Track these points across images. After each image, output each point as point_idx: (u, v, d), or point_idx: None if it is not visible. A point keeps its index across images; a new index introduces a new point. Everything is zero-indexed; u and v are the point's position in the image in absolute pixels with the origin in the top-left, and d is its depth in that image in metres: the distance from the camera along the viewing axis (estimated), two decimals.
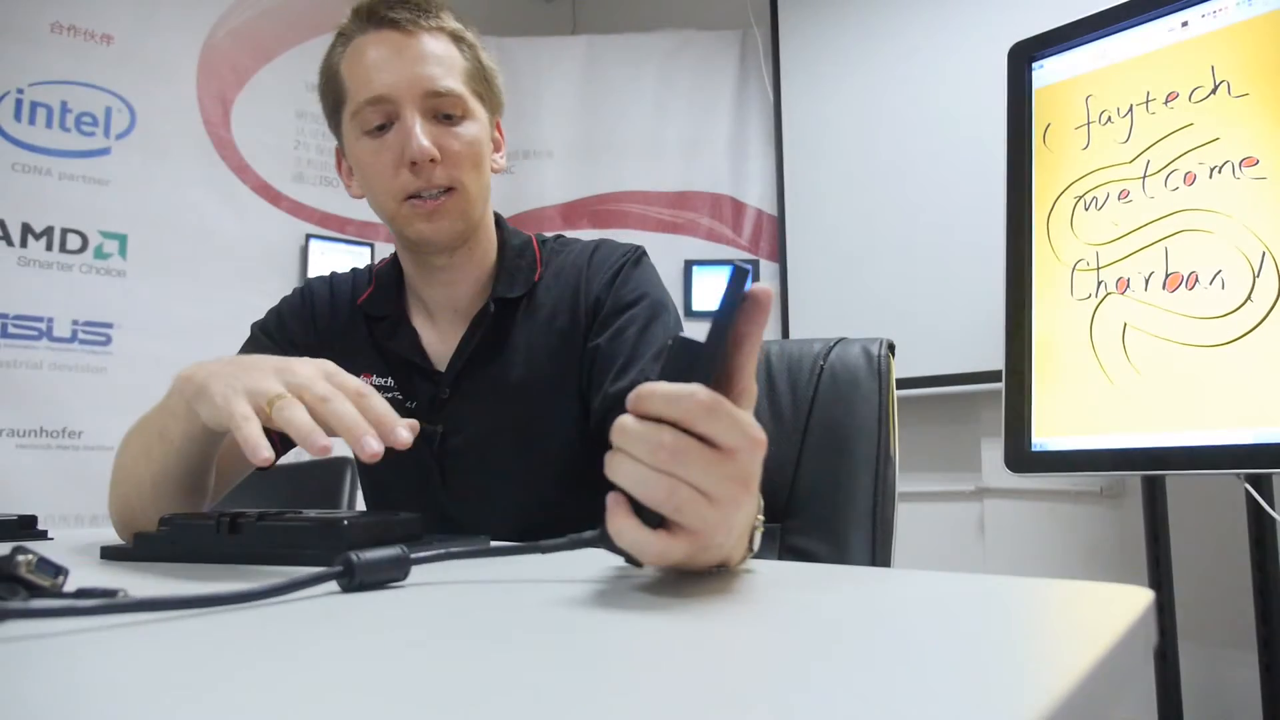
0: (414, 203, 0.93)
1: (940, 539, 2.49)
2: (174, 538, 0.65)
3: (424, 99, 0.92)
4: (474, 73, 0.97)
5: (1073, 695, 0.27)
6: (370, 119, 0.93)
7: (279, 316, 1.08)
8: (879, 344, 1.13)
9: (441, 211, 0.93)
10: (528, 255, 1.05)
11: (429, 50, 0.93)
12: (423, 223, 0.94)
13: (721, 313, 0.47)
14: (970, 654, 0.35)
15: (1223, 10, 1.72)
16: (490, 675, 0.31)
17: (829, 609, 0.46)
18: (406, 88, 0.91)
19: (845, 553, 1.06)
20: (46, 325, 2.38)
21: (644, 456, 0.44)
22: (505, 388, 0.98)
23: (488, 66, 1.00)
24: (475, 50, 0.99)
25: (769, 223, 3.02)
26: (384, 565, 0.50)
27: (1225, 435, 1.57)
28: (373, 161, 0.94)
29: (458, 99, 0.94)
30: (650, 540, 0.45)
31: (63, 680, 0.31)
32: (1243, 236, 1.61)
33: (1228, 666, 1.96)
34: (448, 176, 0.93)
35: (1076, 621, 0.43)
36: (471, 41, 0.99)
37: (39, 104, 2.45)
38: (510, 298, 1.00)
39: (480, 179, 0.97)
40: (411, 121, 0.91)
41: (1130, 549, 2.03)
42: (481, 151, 0.96)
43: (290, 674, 0.32)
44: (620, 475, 0.45)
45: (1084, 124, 1.90)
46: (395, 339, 1.02)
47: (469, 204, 0.95)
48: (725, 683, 0.30)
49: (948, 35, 2.54)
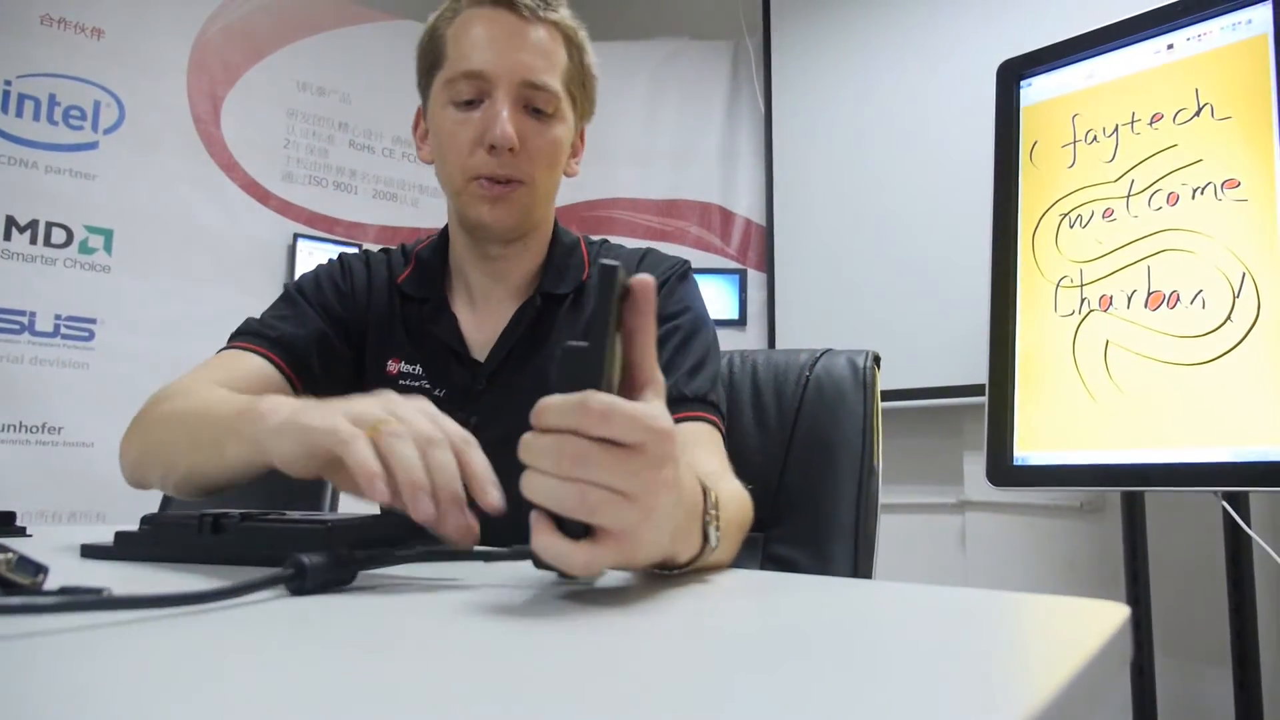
0: (481, 183, 0.92)
1: (922, 551, 2.50)
2: (156, 537, 0.65)
3: (519, 87, 0.91)
4: (574, 74, 0.96)
5: (1049, 709, 0.28)
6: (463, 91, 0.92)
7: (317, 281, 1.03)
8: (864, 356, 1.14)
9: (506, 200, 0.93)
10: (577, 255, 1.04)
11: (537, 41, 0.92)
12: (485, 206, 0.93)
13: (595, 314, 0.47)
14: (947, 667, 0.35)
15: (1207, 35, 1.75)
16: (413, 684, 0.31)
17: (808, 619, 0.46)
18: (507, 71, 0.90)
19: (827, 562, 1.06)
20: (29, 319, 2.36)
21: (551, 468, 0.44)
22: (544, 384, 0.97)
23: (590, 71, 0.99)
24: (583, 53, 0.98)
25: (757, 232, 3.03)
26: (330, 568, 0.50)
27: (1204, 453, 1.58)
28: (454, 133, 0.92)
29: (552, 96, 0.93)
30: (573, 550, 0.45)
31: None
32: (1223, 257, 1.63)
33: (1203, 681, 1.98)
34: (521, 169, 0.92)
35: (1054, 636, 0.43)
36: (580, 43, 0.98)
37: (27, 96, 2.43)
38: (556, 294, 0.99)
39: (551, 178, 0.96)
40: (501, 105, 0.90)
41: (1109, 564, 2.05)
42: (560, 153, 0.96)
43: (210, 680, 0.32)
44: (533, 491, 0.45)
45: (1070, 142, 1.92)
46: (436, 323, 0.99)
47: (534, 200, 0.95)
48: (690, 692, 0.30)
49: (939, 51, 2.56)
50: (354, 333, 1.01)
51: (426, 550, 0.59)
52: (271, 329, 0.97)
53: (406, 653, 0.36)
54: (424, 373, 0.98)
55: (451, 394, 0.96)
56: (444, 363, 0.98)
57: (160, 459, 0.82)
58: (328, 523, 0.62)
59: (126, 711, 0.27)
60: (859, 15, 2.76)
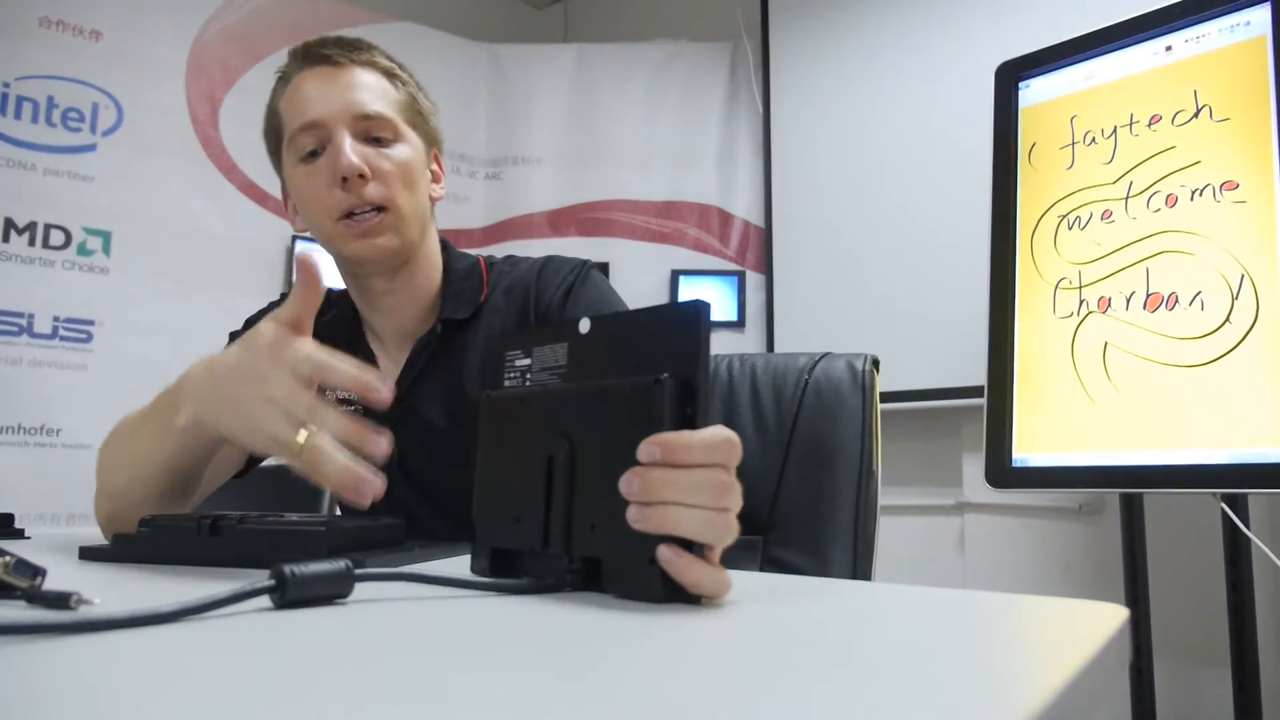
0: (348, 222, 0.95)
1: (921, 553, 2.50)
2: (154, 539, 0.65)
3: (354, 121, 0.95)
4: (407, 104, 1.01)
5: (1048, 711, 0.28)
6: (304, 144, 0.95)
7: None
8: (863, 359, 1.14)
9: (375, 229, 0.95)
10: (474, 277, 1.06)
11: (360, 80, 0.97)
12: (357, 241, 0.95)
13: (690, 347, 0.50)
14: (946, 670, 0.35)
15: (1206, 36, 1.75)
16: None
17: (808, 622, 0.46)
18: (338, 112, 0.94)
19: (826, 565, 1.06)
20: (27, 321, 2.36)
21: (708, 502, 0.48)
22: (457, 408, 0.99)
23: (422, 103, 1.04)
24: (410, 87, 1.03)
25: (756, 234, 3.03)
26: (322, 580, 0.46)
27: (1202, 455, 1.58)
28: (306, 184, 0.96)
29: (387, 122, 0.97)
30: (720, 573, 0.49)
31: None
32: (1222, 259, 1.64)
33: (1202, 684, 1.98)
34: (380, 194, 0.94)
35: (1053, 638, 0.43)
36: (406, 79, 1.03)
37: (25, 98, 2.43)
38: (456, 319, 1.01)
39: (414, 200, 0.98)
40: (341, 140, 0.93)
41: (1108, 565, 2.05)
42: (413, 173, 0.98)
43: (181, 700, 0.31)
44: (681, 524, 0.47)
45: (1069, 144, 1.92)
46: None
47: (402, 223, 0.96)
48: (689, 694, 0.30)
49: (937, 52, 2.56)
50: None
51: (427, 576, 0.59)
52: None
53: (394, 673, 0.36)
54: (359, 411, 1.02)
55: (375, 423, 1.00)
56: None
57: (119, 480, 0.84)
58: (325, 525, 0.62)
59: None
60: (858, 17, 2.76)
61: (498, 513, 0.58)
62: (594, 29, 3.62)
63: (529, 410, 0.58)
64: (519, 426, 0.58)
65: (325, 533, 0.61)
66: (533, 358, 0.61)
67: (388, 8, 3.09)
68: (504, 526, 0.57)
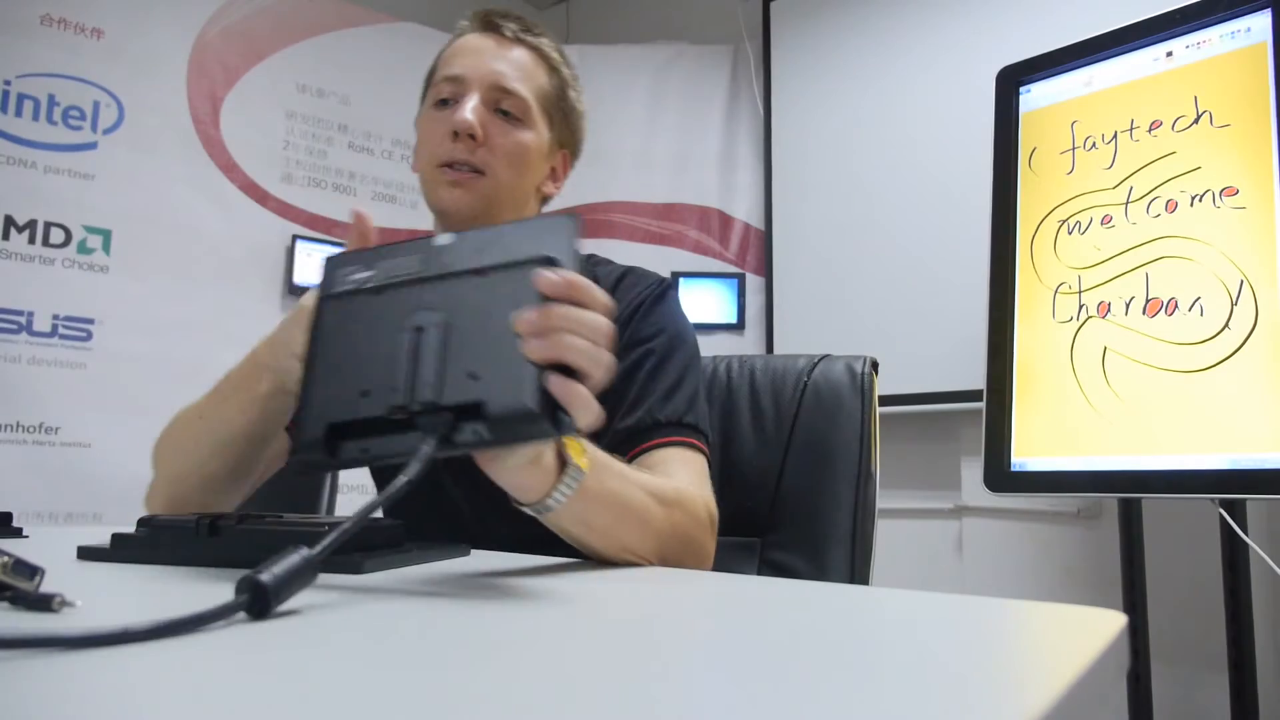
0: (445, 169, 0.97)
1: (919, 556, 2.50)
2: (152, 539, 0.65)
3: (490, 90, 0.97)
4: (553, 98, 1.02)
5: (1046, 718, 0.28)
6: (441, 91, 0.99)
7: None
8: (863, 361, 1.14)
9: (463, 186, 0.96)
10: None
11: (515, 57, 1.00)
12: (444, 188, 0.97)
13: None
14: (944, 676, 0.35)
15: (1206, 42, 1.75)
16: None
17: (805, 626, 0.46)
18: (479, 75, 0.98)
19: (824, 568, 1.06)
20: (27, 319, 2.36)
21: (598, 338, 0.55)
22: None
23: (570, 103, 1.05)
24: (565, 84, 1.04)
25: (756, 237, 3.03)
26: (295, 580, 0.44)
27: (1201, 460, 1.59)
28: (428, 128, 1.00)
29: (520, 101, 0.98)
30: (594, 402, 0.54)
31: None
32: (1222, 265, 1.64)
33: (1200, 689, 1.98)
34: (484, 160, 0.96)
35: (1051, 645, 0.43)
36: (564, 75, 1.04)
37: (26, 96, 2.43)
38: None
39: (516, 180, 0.99)
40: (469, 99, 0.97)
41: (1106, 570, 2.05)
42: (526, 156, 0.99)
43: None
44: (567, 349, 0.53)
45: (1069, 149, 1.93)
46: None
47: (495, 194, 0.97)
48: (688, 696, 0.30)
49: (938, 57, 2.56)
50: None
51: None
52: None
53: (373, 681, 0.36)
54: None
55: None
56: None
57: (179, 469, 0.87)
58: (325, 525, 0.62)
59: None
60: (858, 21, 2.76)
61: (337, 392, 0.56)
62: (595, 31, 3.62)
63: (387, 299, 0.57)
64: (371, 314, 0.57)
65: (325, 533, 0.61)
66: (375, 269, 0.60)
67: (388, 8, 3.09)
68: (346, 403, 0.55)
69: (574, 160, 1.10)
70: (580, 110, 1.07)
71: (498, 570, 0.64)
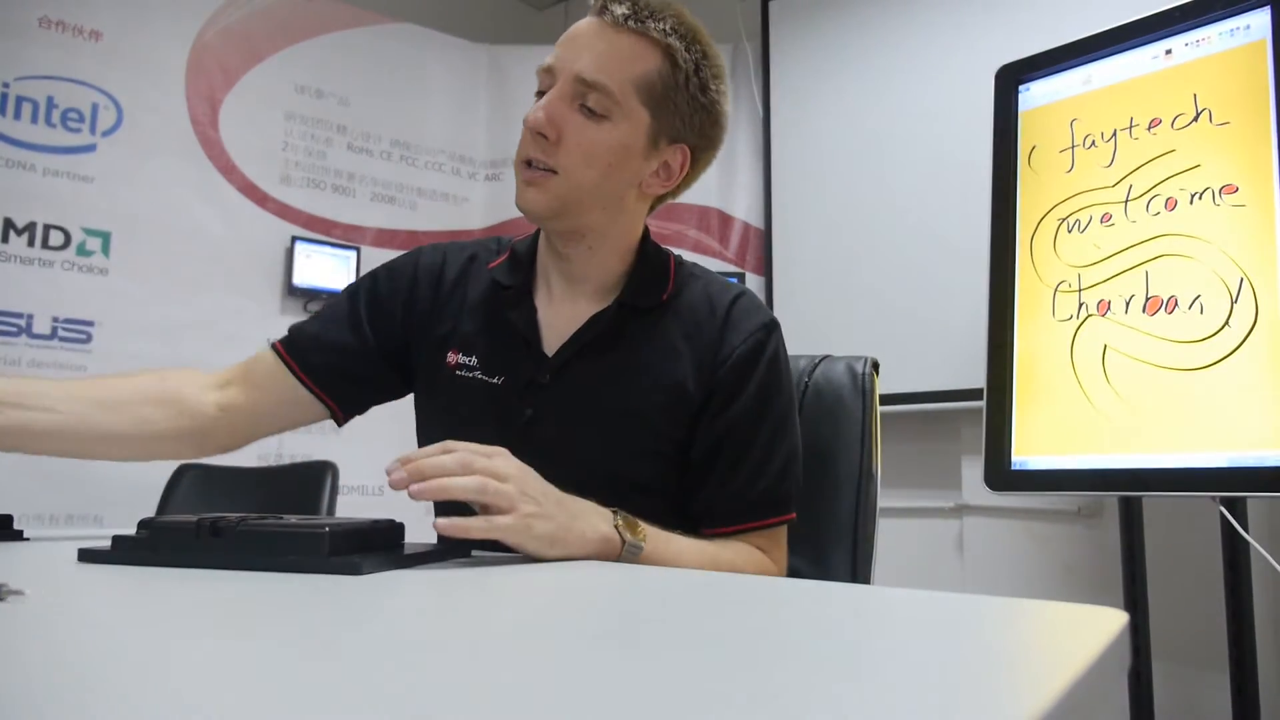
0: (523, 167, 0.95)
1: (920, 555, 2.50)
2: (154, 541, 0.65)
3: (573, 82, 0.92)
4: (657, 86, 0.93)
5: (1047, 716, 0.28)
6: (541, 82, 0.96)
7: (374, 279, 1.07)
8: (863, 362, 1.14)
9: (535, 186, 0.94)
10: (663, 271, 1.03)
11: (614, 46, 0.92)
12: (521, 188, 0.95)
13: None
14: (945, 674, 0.35)
15: (1206, 40, 1.75)
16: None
17: (806, 626, 0.46)
18: (566, 66, 0.93)
19: (826, 567, 1.06)
20: (26, 322, 2.36)
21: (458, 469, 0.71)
22: (607, 393, 0.96)
23: (693, 95, 0.96)
24: (683, 73, 0.94)
25: (756, 236, 3.03)
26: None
27: (1201, 458, 1.58)
28: (524, 121, 0.96)
29: (605, 95, 0.92)
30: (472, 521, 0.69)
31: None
32: (1221, 262, 1.64)
33: (1200, 688, 1.98)
34: (556, 160, 0.92)
35: (1052, 643, 0.43)
36: (685, 65, 0.94)
37: (25, 99, 2.43)
38: (635, 306, 0.98)
39: (599, 179, 0.94)
40: (551, 94, 0.93)
41: (1107, 568, 2.05)
42: (601, 153, 0.93)
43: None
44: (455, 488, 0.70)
45: (1068, 147, 1.93)
46: (515, 308, 1.00)
47: (568, 193, 0.93)
48: (688, 696, 0.30)
49: (937, 55, 2.56)
50: (412, 326, 1.04)
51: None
52: (297, 326, 1.05)
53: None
54: (479, 363, 0.99)
55: (511, 382, 0.97)
56: (510, 350, 0.99)
57: None
58: (325, 526, 0.62)
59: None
60: (858, 19, 2.76)
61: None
62: None
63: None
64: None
65: (326, 534, 0.61)
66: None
67: (388, 9, 3.10)
68: None
69: (705, 156, 1.01)
70: (706, 102, 0.97)
71: (499, 570, 0.64)
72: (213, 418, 0.99)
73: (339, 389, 1.03)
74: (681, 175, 1.00)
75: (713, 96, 0.97)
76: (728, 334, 0.97)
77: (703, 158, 1.01)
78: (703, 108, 0.97)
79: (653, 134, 0.95)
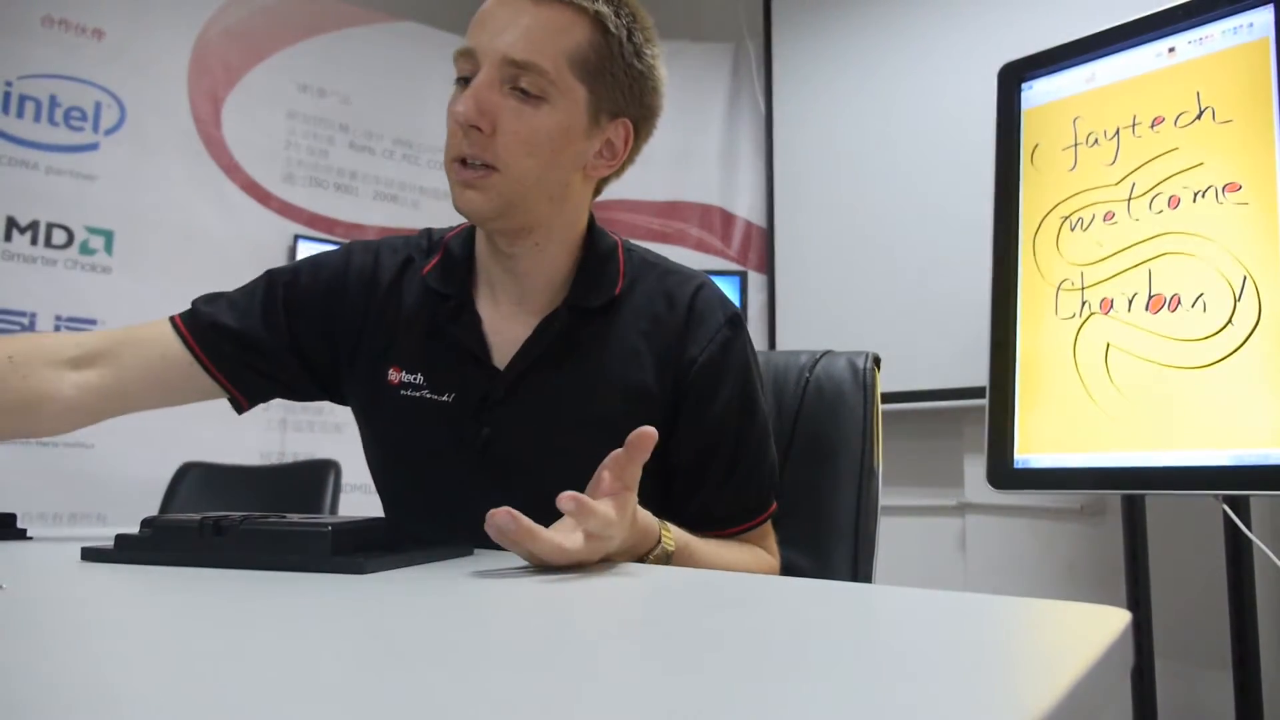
0: (458, 166, 0.86)
1: (922, 553, 2.50)
2: (156, 540, 0.65)
3: (502, 65, 0.83)
4: (591, 59, 0.86)
5: (1051, 715, 0.28)
6: (459, 68, 0.87)
7: (296, 273, 0.98)
8: (865, 358, 1.14)
9: (475, 186, 0.85)
10: (612, 264, 0.96)
11: (538, 18, 0.84)
12: (457, 189, 0.86)
13: None
14: (947, 674, 0.35)
15: (1209, 38, 1.75)
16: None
17: (807, 624, 0.46)
18: (490, 48, 0.84)
19: (827, 565, 1.06)
20: (29, 320, 2.36)
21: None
22: (567, 404, 0.90)
23: (628, 63, 0.88)
24: (616, 41, 0.87)
25: (758, 234, 3.03)
26: None
27: (1204, 456, 1.58)
28: (448, 113, 0.87)
29: (538, 76, 0.83)
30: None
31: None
32: (1225, 260, 1.63)
33: (1203, 686, 1.98)
34: (492, 154, 0.84)
35: (1055, 642, 0.43)
36: (616, 31, 0.87)
37: (28, 97, 2.43)
38: (586, 307, 0.92)
39: (542, 170, 0.86)
40: (477, 81, 0.84)
41: (1109, 566, 2.05)
42: (542, 140, 0.85)
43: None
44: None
45: (1071, 145, 1.92)
46: (457, 321, 0.92)
47: (510, 188, 0.85)
48: (689, 695, 0.30)
49: (940, 53, 2.56)
50: (338, 334, 0.96)
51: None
52: (205, 306, 0.95)
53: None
54: (425, 381, 0.92)
55: (463, 399, 0.90)
56: (458, 365, 0.92)
57: None
58: (329, 525, 0.62)
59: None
60: (860, 17, 2.76)
61: None
62: None
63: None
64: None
65: (329, 533, 0.61)
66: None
67: (389, 8, 3.10)
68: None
69: (645, 128, 0.95)
70: (643, 69, 0.90)
71: (500, 570, 0.64)
72: (65, 400, 0.87)
73: (246, 380, 0.95)
74: (626, 152, 0.95)
75: (649, 62, 0.91)
76: (693, 331, 0.92)
77: (643, 130, 0.95)
78: (640, 75, 0.90)
79: (592, 111, 0.88)
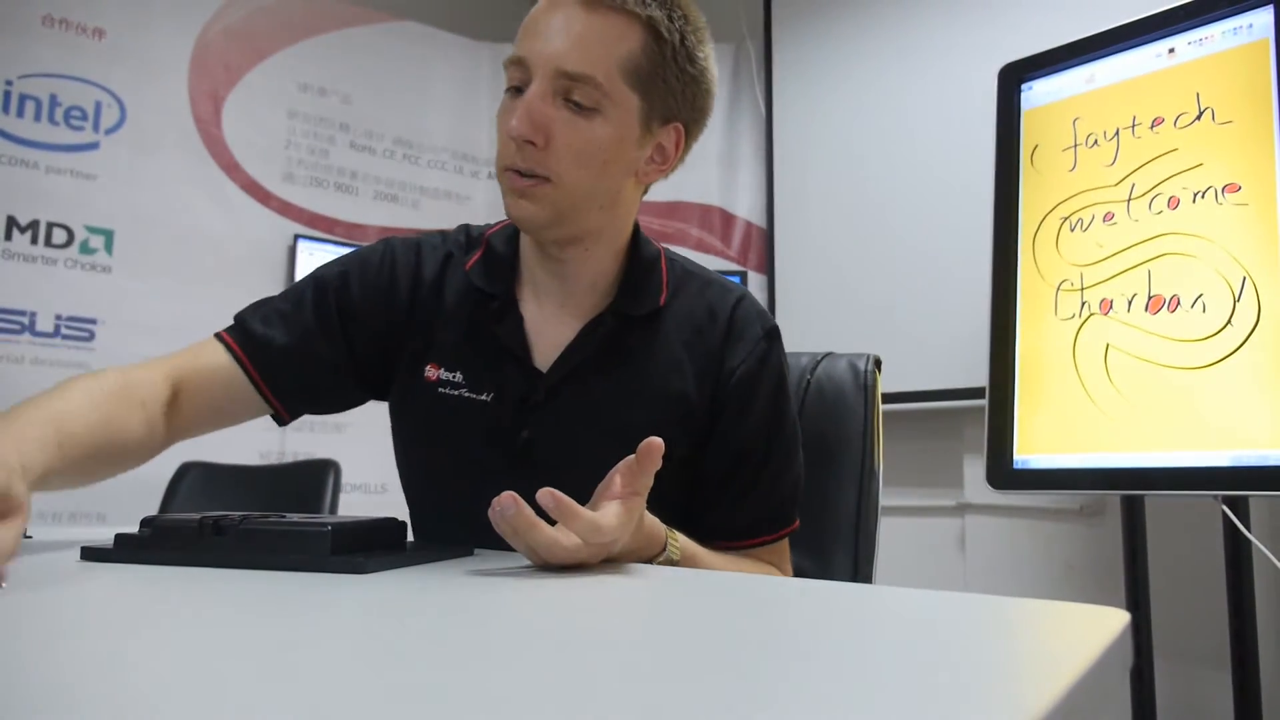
0: (510, 174, 0.86)
1: (922, 554, 2.50)
2: (156, 540, 0.65)
3: (555, 77, 0.83)
4: (643, 66, 0.85)
5: (1050, 715, 0.28)
6: (511, 76, 0.86)
7: (345, 277, 0.95)
8: (865, 359, 1.14)
9: (528, 196, 0.85)
10: (655, 273, 0.97)
11: (592, 29, 0.83)
12: (509, 197, 0.87)
13: None
14: (947, 674, 0.35)
15: (1209, 39, 1.75)
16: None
17: (808, 624, 0.46)
18: (542, 59, 0.83)
19: (828, 566, 1.06)
20: (29, 319, 2.36)
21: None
22: (608, 410, 0.90)
23: (681, 67, 0.88)
24: (669, 46, 0.86)
25: (758, 235, 3.03)
26: None
27: (1203, 457, 1.58)
28: (499, 121, 0.87)
29: (591, 89, 0.83)
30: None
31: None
32: (1224, 261, 1.63)
33: (1202, 686, 1.98)
34: (544, 166, 0.84)
35: (1054, 642, 0.43)
36: (671, 38, 0.86)
37: (28, 96, 2.43)
38: (631, 315, 0.92)
39: (594, 181, 0.87)
40: (530, 93, 0.83)
41: (1108, 567, 2.05)
42: (595, 152, 0.85)
43: None
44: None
45: (1071, 146, 1.92)
46: (500, 321, 0.92)
47: (563, 199, 0.86)
48: (690, 694, 0.30)
49: (940, 54, 2.56)
50: (389, 332, 0.95)
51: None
52: (259, 325, 0.94)
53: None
54: (464, 379, 0.91)
55: (502, 399, 0.90)
56: (498, 365, 0.91)
57: None
58: (328, 525, 0.62)
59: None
60: (860, 18, 2.76)
61: None
62: None
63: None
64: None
65: (330, 533, 0.61)
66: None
67: (390, 7, 3.10)
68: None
69: (696, 129, 0.95)
70: (695, 73, 0.89)
71: (501, 569, 0.64)
72: (139, 439, 0.84)
73: (299, 400, 0.94)
74: (677, 155, 0.94)
75: (701, 65, 0.90)
76: (732, 344, 0.93)
77: (694, 131, 0.95)
78: (693, 79, 0.89)
79: (645, 118, 0.88)
